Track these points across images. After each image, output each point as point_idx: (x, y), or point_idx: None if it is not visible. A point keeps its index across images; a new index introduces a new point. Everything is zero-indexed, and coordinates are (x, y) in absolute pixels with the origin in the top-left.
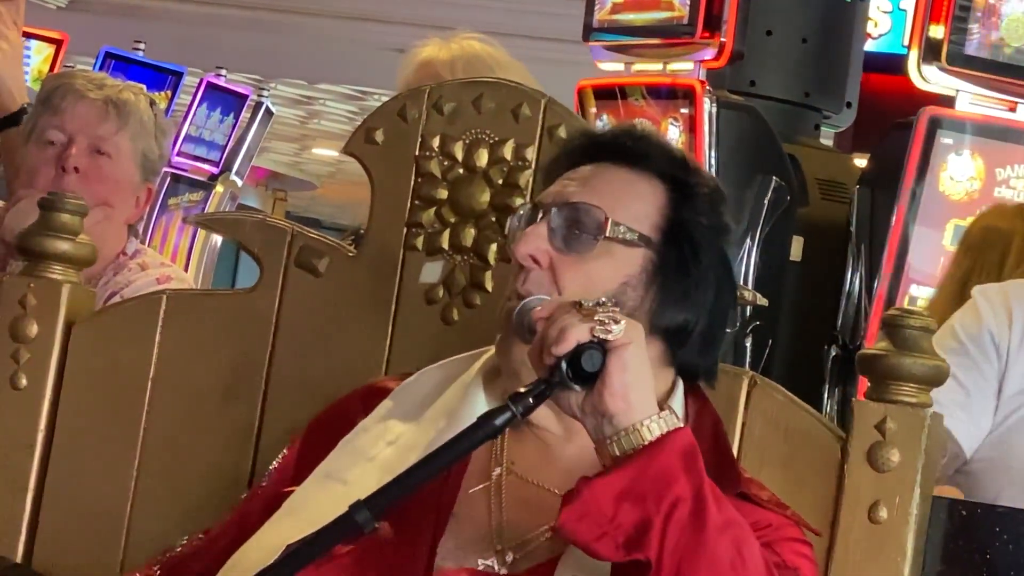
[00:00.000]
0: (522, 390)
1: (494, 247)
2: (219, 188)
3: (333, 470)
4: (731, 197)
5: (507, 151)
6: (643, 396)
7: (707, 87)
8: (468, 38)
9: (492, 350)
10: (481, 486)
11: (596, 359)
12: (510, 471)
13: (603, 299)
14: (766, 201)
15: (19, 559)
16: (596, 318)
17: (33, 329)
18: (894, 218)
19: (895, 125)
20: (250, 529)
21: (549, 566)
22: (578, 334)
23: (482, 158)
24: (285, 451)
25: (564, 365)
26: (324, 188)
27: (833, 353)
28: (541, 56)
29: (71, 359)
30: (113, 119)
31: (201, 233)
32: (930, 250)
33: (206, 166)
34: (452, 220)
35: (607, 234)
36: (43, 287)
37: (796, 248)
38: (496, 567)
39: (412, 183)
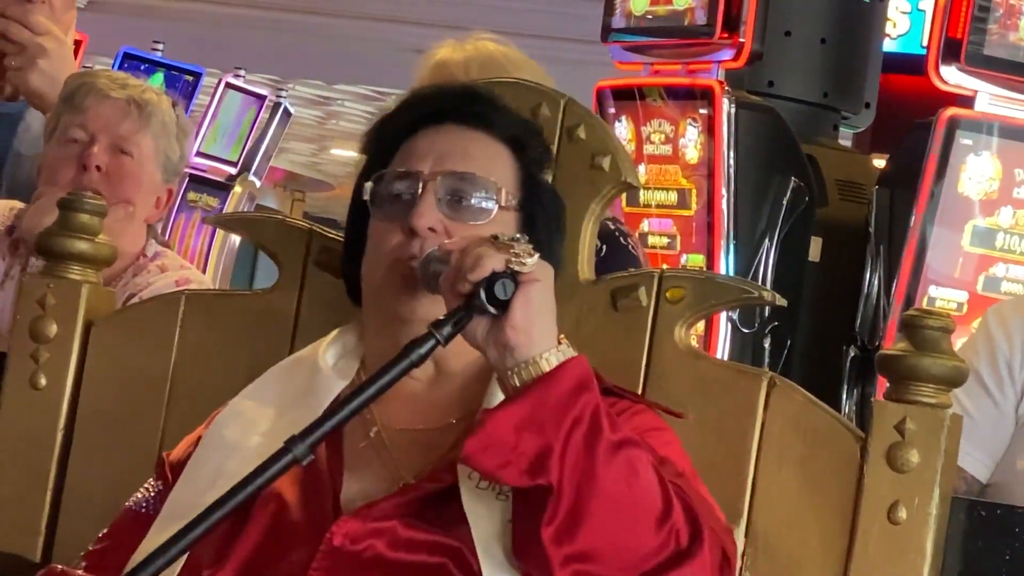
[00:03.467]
0: (441, 318)
1: None
2: (237, 189)
3: (209, 468)
4: (749, 198)
5: None
6: (544, 330)
7: (726, 88)
8: (483, 39)
9: (328, 336)
10: (365, 444)
11: (509, 287)
12: (386, 427)
13: (518, 235)
14: (785, 202)
15: (38, 558)
16: (512, 251)
17: (52, 329)
18: (913, 219)
19: (914, 126)
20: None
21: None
22: (494, 262)
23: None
24: (151, 480)
25: (482, 291)
26: (342, 188)
27: (852, 354)
28: (559, 56)
29: (90, 359)
30: (135, 118)
31: (219, 234)
32: (949, 251)
33: (224, 167)
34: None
35: (502, 203)
36: (62, 287)
37: (815, 249)
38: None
39: None
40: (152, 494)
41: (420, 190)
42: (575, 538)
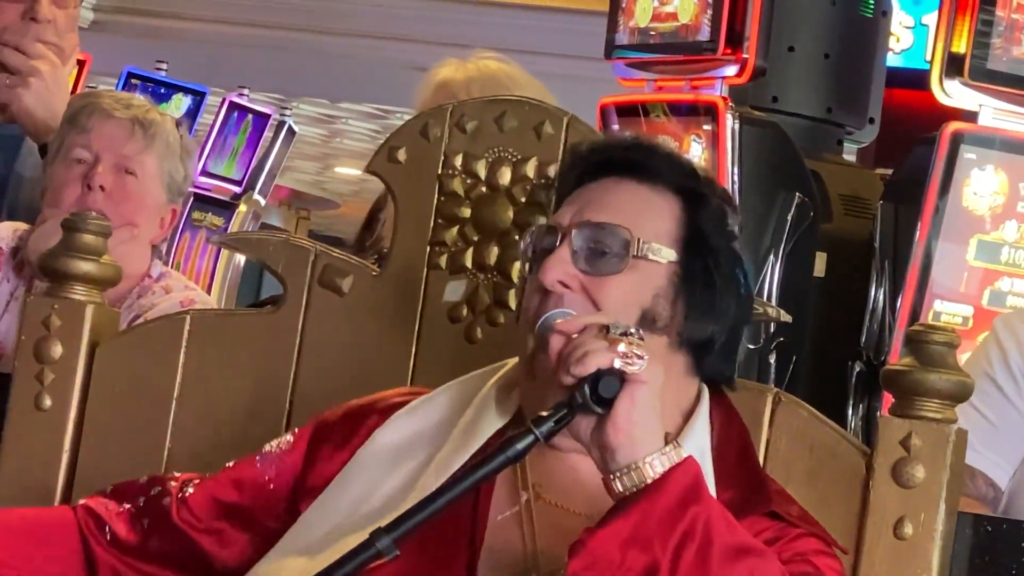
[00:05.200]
0: (544, 413)
1: (518, 265)
2: (242, 207)
3: (350, 497)
4: (754, 214)
5: (530, 169)
6: (648, 432)
7: (729, 104)
8: (485, 58)
9: (507, 364)
10: (510, 512)
11: (614, 386)
12: (538, 496)
13: (632, 328)
14: (789, 217)
15: None
16: (621, 348)
17: (57, 350)
18: (917, 233)
19: (918, 140)
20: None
21: None
22: (601, 359)
23: (505, 176)
24: (290, 437)
25: (587, 388)
26: (347, 207)
27: (857, 369)
28: (562, 73)
29: (95, 380)
30: (140, 138)
31: (224, 253)
32: (954, 265)
33: (229, 185)
34: (475, 238)
35: (635, 253)
36: (67, 308)
37: (819, 264)
38: None
39: (435, 202)
40: (276, 451)
41: (558, 243)
42: None
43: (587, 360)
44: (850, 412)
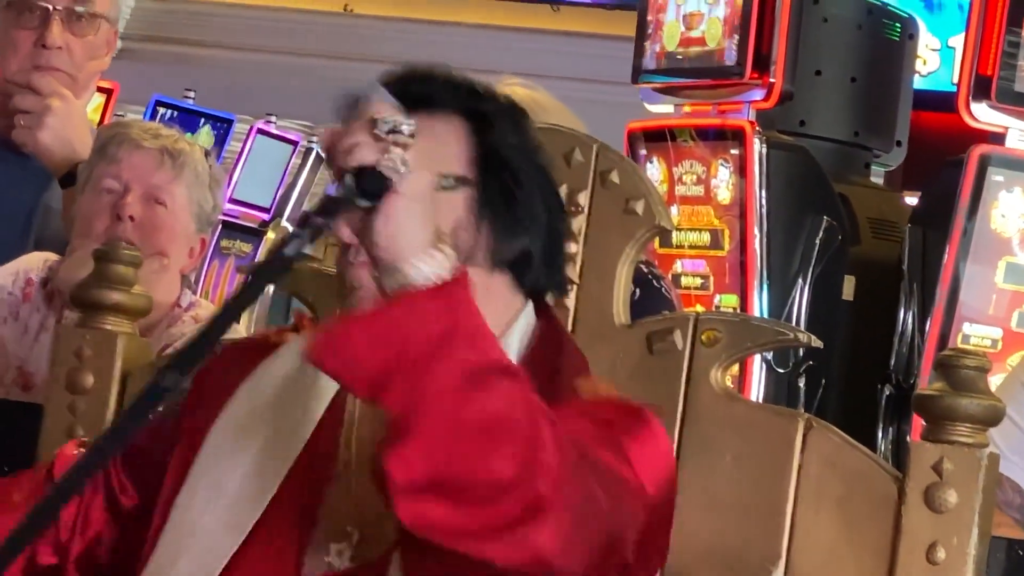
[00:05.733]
0: (308, 212)
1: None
2: (270, 235)
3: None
4: (782, 237)
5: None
6: (410, 241)
7: (757, 128)
8: (512, 84)
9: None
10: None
11: (379, 184)
12: (360, 451)
13: (403, 127)
14: (817, 241)
15: None
16: (387, 154)
17: (89, 380)
18: (946, 256)
19: (946, 163)
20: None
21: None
22: (365, 156)
23: None
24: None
25: (351, 178)
26: None
27: (887, 392)
28: (590, 98)
29: None
30: (168, 168)
31: None
32: (982, 288)
33: (257, 213)
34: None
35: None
36: (99, 338)
37: (848, 287)
38: (345, 550)
39: None
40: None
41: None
42: (413, 464)
43: (353, 153)
44: (880, 435)
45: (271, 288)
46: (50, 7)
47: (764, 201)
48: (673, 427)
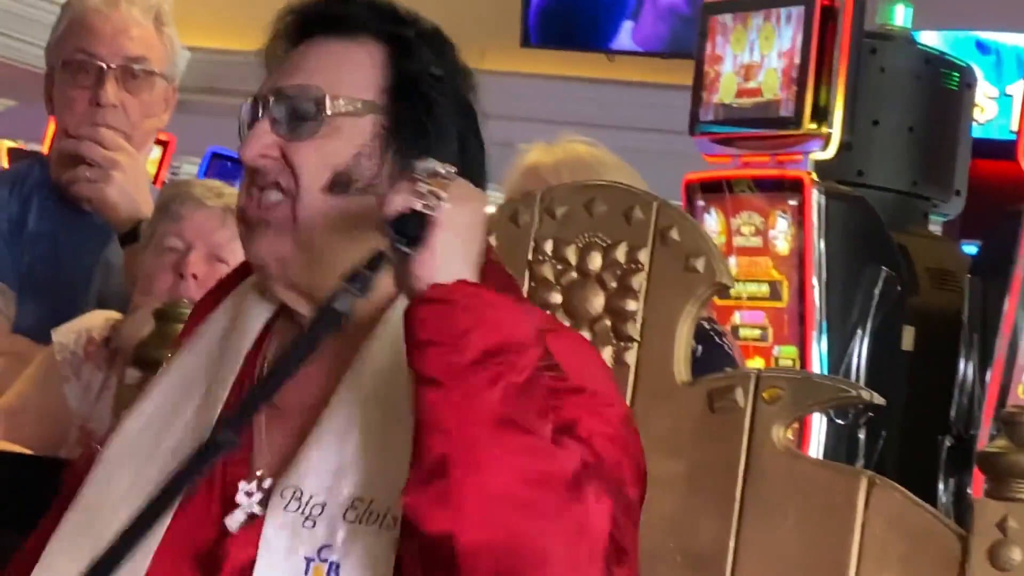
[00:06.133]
0: (356, 269)
1: (609, 350)
2: None
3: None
4: (841, 288)
5: (620, 254)
6: (452, 275)
7: (815, 178)
8: (572, 141)
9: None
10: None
11: (416, 226)
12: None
13: (439, 167)
14: (876, 291)
15: None
16: (424, 192)
17: None
18: (1006, 306)
19: (1005, 213)
20: None
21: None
22: (401, 202)
23: (595, 261)
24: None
25: (390, 229)
26: None
27: (947, 444)
28: (646, 147)
29: None
30: (231, 227)
31: None
32: None
33: None
34: (567, 325)
35: (328, 111)
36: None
37: (908, 338)
38: (254, 491)
39: (526, 288)
40: None
41: (258, 116)
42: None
43: (391, 202)
44: (941, 488)
45: None
46: (104, 65)
47: (822, 252)
48: (735, 486)
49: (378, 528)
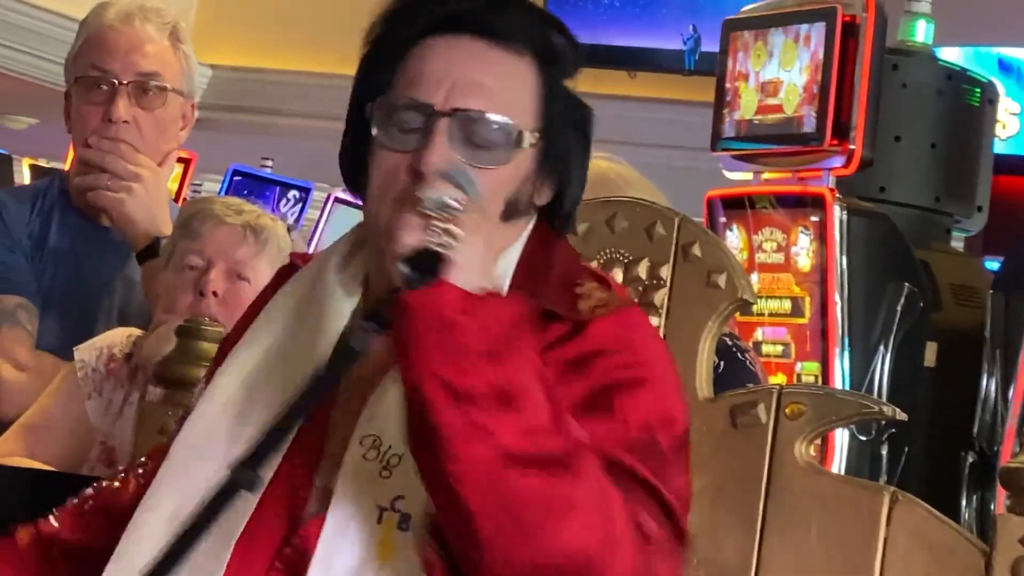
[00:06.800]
0: (372, 307)
1: None
2: None
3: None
4: (863, 304)
5: (642, 270)
6: None
7: (837, 194)
8: (594, 157)
9: (331, 258)
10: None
11: (433, 265)
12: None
13: (449, 199)
14: (899, 308)
15: None
16: (433, 225)
17: None
18: None
19: None
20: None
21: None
22: (413, 239)
23: (617, 277)
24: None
25: (404, 266)
26: None
27: (970, 459)
28: (668, 164)
29: None
30: (251, 244)
31: None
32: None
33: None
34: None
35: (524, 144)
36: (182, 415)
37: (930, 354)
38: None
39: None
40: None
41: (431, 127)
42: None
43: (400, 239)
44: (963, 503)
45: None
46: (116, 81)
47: (845, 268)
48: (757, 501)
49: None
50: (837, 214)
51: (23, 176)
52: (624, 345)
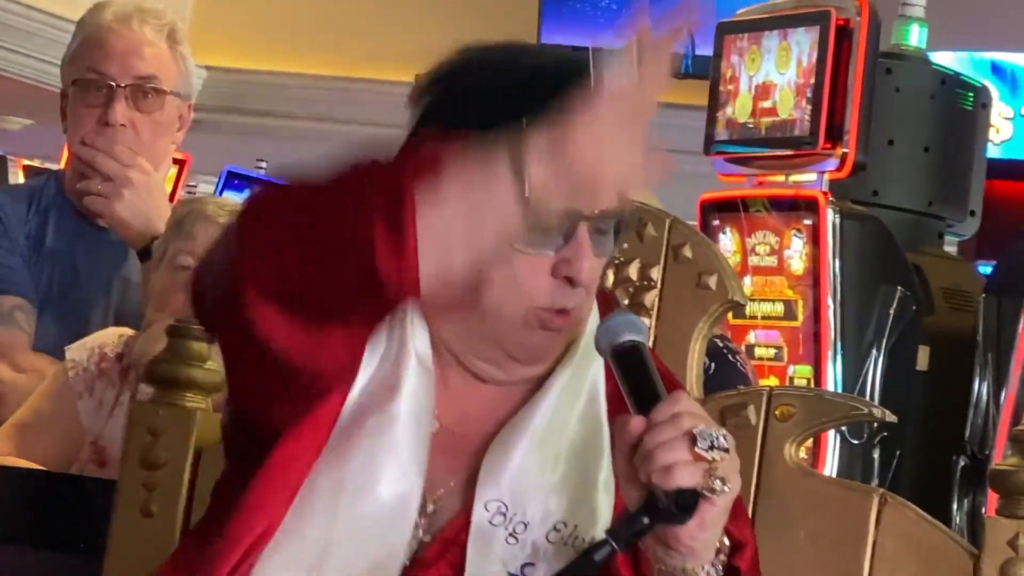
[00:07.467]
0: (622, 524)
1: None
2: None
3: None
4: (856, 308)
5: (632, 271)
6: (709, 547)
7: (830, 198)
8: None
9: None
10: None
11: (692, 501)
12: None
13: (718, 436)
14: (891, 311)
15: None
16: (711, 468)
17: (163, 456)
18: (1021, 326)
19: (1020, 232)
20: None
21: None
22: (685, 479)
23: (607, 278)
24: None
25: (668, 501)
26: None
27: (962, 463)
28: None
29: (201, 485)
30: None
31: None
32: None
33: None
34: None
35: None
36: (173, 414)
37: (922, 358)
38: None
39: None
40: None
41: (577, 231)
42: None
43: (673, 474)
44: (955, 507)
45: None
46: (114, 84)
47: (838, 271)
48: (748, 502)
49: (573, 552)
50: (830, 217)
51: (17, 177)
52: None
